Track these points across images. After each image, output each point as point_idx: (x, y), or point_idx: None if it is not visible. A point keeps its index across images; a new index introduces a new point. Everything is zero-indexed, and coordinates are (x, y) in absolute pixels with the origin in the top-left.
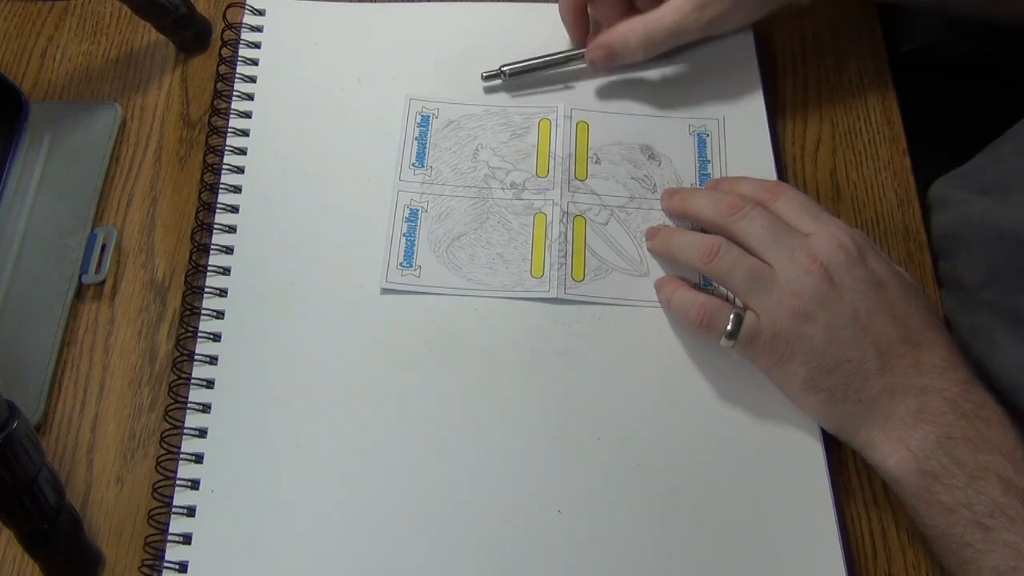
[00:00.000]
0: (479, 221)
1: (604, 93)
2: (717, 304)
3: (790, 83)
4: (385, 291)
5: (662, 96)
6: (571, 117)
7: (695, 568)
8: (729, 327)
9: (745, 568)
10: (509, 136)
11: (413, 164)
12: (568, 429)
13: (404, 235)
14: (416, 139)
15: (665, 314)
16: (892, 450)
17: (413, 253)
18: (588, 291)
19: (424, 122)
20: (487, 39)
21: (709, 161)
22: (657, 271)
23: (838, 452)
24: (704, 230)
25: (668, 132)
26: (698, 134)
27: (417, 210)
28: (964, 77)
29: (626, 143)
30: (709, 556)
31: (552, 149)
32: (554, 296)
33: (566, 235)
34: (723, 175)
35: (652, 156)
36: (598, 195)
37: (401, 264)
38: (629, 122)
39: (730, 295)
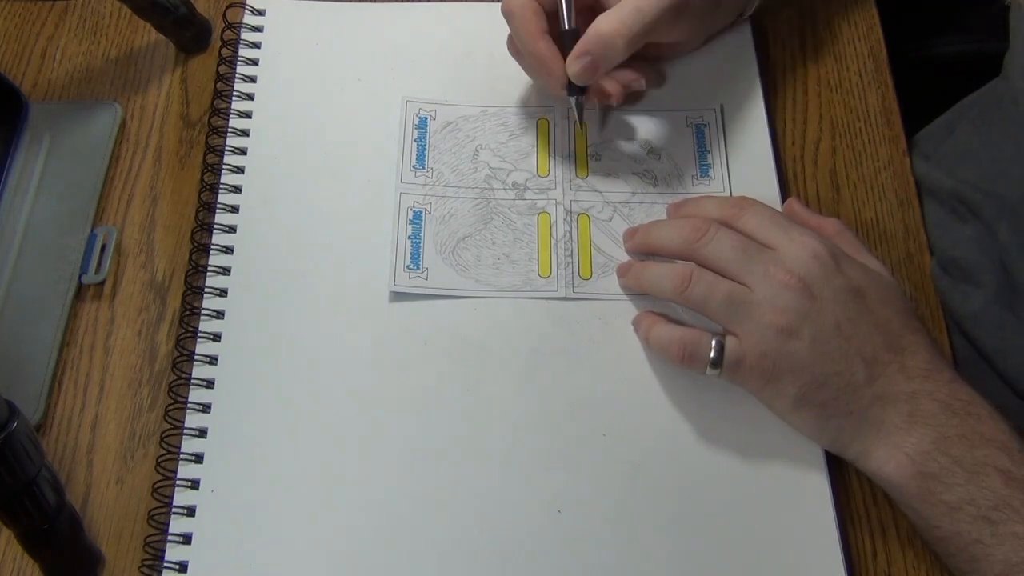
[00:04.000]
0: (483, 222)
1: None
2: (696, 335)
3: (790, 83)
4: (395, 295)
5: (659, 92)
6: (568, 117)
7: (694, 566)
8: (712, 355)
9: (745, 566)
10: (508, 137)
11: (414, 166)
12: (569, 429)
13: (409, 237)
14: (415, 140)
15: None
16: (889, 456)
17: (419, 255)
18: (596, 288)
19: (422, 124)
20: (487, 39)
21: (708, 151)
22: None
23: None
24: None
25: (666, 126)
26: (696, 125)
27: (421, 212)
28: (964, 77)
29: (625, 139)
30: (708, 554)
31: (552, 148)
32: (563, 295)
33: (571, 233)
34: (723, 165)
35: (652, 151)
36: (600, 192)
37: (408, 267)
38: (627, 118)
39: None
